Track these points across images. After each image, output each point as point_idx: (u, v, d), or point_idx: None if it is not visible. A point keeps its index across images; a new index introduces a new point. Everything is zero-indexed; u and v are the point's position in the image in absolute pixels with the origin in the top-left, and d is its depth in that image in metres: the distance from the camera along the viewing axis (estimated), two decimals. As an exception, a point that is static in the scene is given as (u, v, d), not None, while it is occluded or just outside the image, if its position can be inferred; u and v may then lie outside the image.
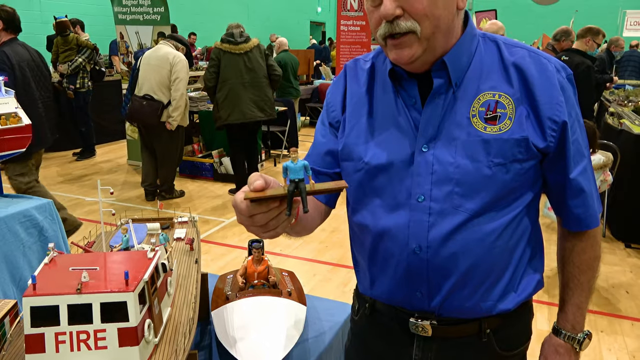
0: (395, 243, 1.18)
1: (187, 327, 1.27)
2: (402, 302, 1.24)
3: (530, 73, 1.11)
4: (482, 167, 1.10)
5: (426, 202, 1.14)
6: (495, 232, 1.13)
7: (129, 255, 1.30)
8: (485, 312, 1.19)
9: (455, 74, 1.13)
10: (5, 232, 2.32)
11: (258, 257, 1.80)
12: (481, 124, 1.11)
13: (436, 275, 1.16)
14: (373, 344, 1.37)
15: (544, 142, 1.11)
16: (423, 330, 1.22)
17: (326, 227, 5.19)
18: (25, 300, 1.07)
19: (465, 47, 1.14)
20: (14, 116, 2.25)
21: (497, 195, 1.11)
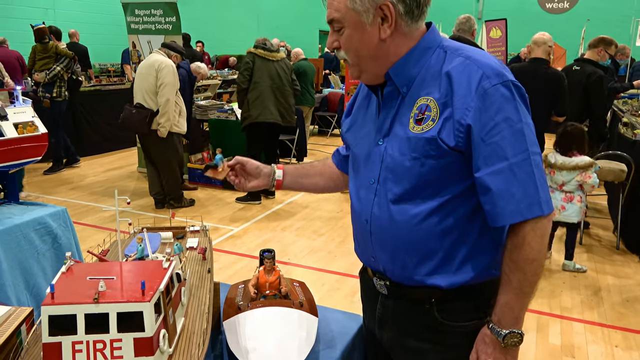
0: (356, 215, 1.49)
1: (200, 338, 1.28)
2: (367, 263, 1.54)
3: (455, 80, 1.26)
4: (405, 160, 1.32)
5: (374, 185, 1.40)
6: (418, 216, 1.33)
7: (145, 265, 1.31)
8: (418, 283, 1.39)
9: (400, 82, 1.34)
10: (20, 239, 2.36)
11: (270, 267, 1.80)
12: (412, 124, 1.31)
13: (377, 245, 1.43)
14: (362, 296, 1.69)
15: (453, 141, 1.26)
16: (381, 288, 1.49)
17: (335, 236, 5.19)
18: (44, 309, 1.09)
19: (412, 60, 1.34)
20: (31, 125, 2.29)
21: (417, 184, 1.31)
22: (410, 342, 1.49)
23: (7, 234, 2.29)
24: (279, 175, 1.70)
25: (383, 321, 1.54)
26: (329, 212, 5.97)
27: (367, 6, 1.27)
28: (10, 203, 2.55)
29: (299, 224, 5.58)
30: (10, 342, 1.35)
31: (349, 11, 1.28)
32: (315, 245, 4.98)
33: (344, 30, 1.31)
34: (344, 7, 1.29)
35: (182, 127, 5.65)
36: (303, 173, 1.76)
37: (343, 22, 1.30)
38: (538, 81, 4.48)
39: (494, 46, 10.20)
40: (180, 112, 5.60)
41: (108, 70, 11.05)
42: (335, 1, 1.30)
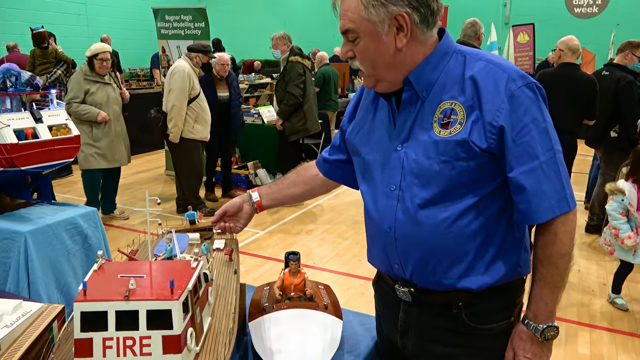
0: (375, 223, 1.46)
1: (227, 337, 1.29)
2: (388, 271, 1.51)
3: (481, 83, 1.28)
4: (433, 164, 1.31)
5: (396, 191, 1.38)
6: (448, 219, 1.33)
7: (173, 264, 1.33)
8: (448, 287, 1.38)
9: (420, 87, 1.35)
10: (52, 239, 2.42)
11: (295, 269, 1.81)
12: (437, 128, 1.32)
13: (403, 252, 1.40)
14: (379, 306, 1.69)
15: (485, 143, 1.27)
16: (405, 295, 1.47)
17: (360, 240, 5.18)
18: (77, 305, 1.11)
19: (431, 64, 1.35)
20: (64, 127, 2.35)
21: (446, 187, 1.31)
22: (436, 349, 1.47)
23: (39, 233, 2.36)
24: (256, 197, 1.75)
25: (406, 329, 1.52)
26: (354, 215, 5.96)
27: (383, 16, 1.27)
28: (43, 203, 2.62)
29: (324, 227, 5.58)
30: (42, 338, 1.39)
31: (364, 21, 1.28)
32: (340, 249, 4.98)
33: (359, 41, 1.32)
34: (358, 17, 1.29)
35: (198, 133, 5.47)
36: (276, 189, 1.77)
37: (358, 33, 1.30)
38: (572, 86, 4.42)
39: (522, 51, 10.06)
40: (197, 118, 5.43)
41: (138, 74, 11.27)
42: (349, 11, 1.30)
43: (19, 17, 9.60)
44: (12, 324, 1.33)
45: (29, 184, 2.51)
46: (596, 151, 5.49)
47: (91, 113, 4.97)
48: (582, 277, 4.40)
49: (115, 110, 5.20)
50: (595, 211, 5.36)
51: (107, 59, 5.00)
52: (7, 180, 2.41)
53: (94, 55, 4.95)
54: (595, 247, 5.04)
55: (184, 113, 5.33)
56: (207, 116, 5.58)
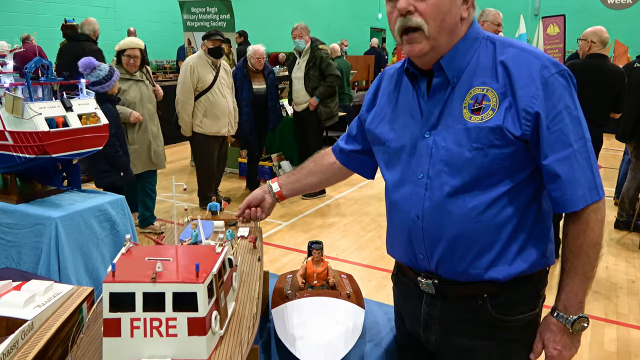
0: (401, 212, 1.43)
1: (250, 322, 1.31)
2: (411, 262, 1.48)
3: (514, 70, 1.26)
4: (464, 151, 1.29)
5: (424, 179, 1.36)
6: (478, 208, 1.31)
7: (199, 249, 1.35)
8: (475, 278, 1.36)
9: (451, 73, 1.33)
10: (82, 225, 2.48)
11: (318, 258, 1.82)
12: (468, 114, 1.30)
13: (430, 241, 1.38)
14: (398, 299, 1.67)
15: (519, 130, 1.25)
16: (429, 287, 1.45)
17: (383, 233, 5.16)
18: (106, 286, 1.14)
19: (462, 49, 1.33)
20: (94, 116, 2.40)
21: (478, 175, 1.29)
22: (461, 341, 1.45)
23: (69, 219, 2.42)
24: (276, 187, 1.78)
25: (429, 322, 1.50)
26: (377, 208, 5.95)
27: None
28: (73, 190, 2.69)
29: (347, 219, 5.58)
30: (72, 319, 1.43)
31: None
32: (363, 242, 4.98)
33: None
34: None
35: (207, 128, 5.33)
36: (295, 179, 1.79)
37: None
38: (601, 77, 4.32)
39: (551, 43, 9.83)
40: (206, 113, 5.31)
41: (164, 67, 11.42)
42: None
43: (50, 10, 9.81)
44: (43, 304, 1.37)
45: (59, 171, 2.57)
46: (627, 146, 5.35)
47: (123, 114, 4.43)
48: (610, 274, 4.31)
49: (150, 110, 4.76)
50: (624, 207, 5.24)
51: (136, 56, 4.57)
52: (39, 168, 2.48)
53: (121, 50, 4.57)
54: (624, 244, 4.93)
55: (188, 107, 5.31)
56: (220, 111, 5.37)
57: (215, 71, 5.41)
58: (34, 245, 2.41)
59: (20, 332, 1.21)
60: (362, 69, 11.69)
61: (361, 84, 11.70)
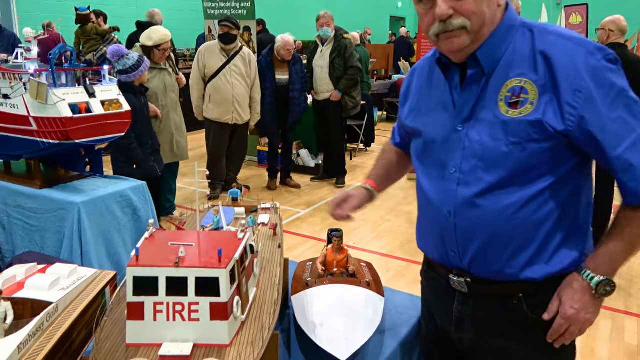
0: (433, 207, 1.38)
1: (271, 308, 1.31)
2: (442, 259, 1.43)
3: (555, 60, 1.19)
4: (500, 145, 1.23)
5: (456, 174, 1.31)
6: (514, 205, 1.25)
7: (221, 234, 1.36)
8: (510, 277, 1.31)
9: (487, 64, 1.26)
10: (104, 211, 2.51)
11: (338, 246, 1.82)
12: (505, 108, 1.24)
13: (463, 238, 1.33)
14: (428, 296, 1.61)
15: (562, 125, 1.18)
16: (461, 286, 1.40)
17: (401, 223, 5.15)
18: (129, 269, 1.15)
19: (499, 39, 1.26)
20: (116, 102, 2.42)
21: (515, 171, 1.23)
22: (495, 341, 1.40)
23: (92, 204, 2.45)
24: (376, 193, 1.73)
25: (462, 321, 1.44)
26: (395, 198, 5.92)
27: None
28: (95, 176, 2.72)
29: (365, 208, 5.56)
30: (96, 302, 1.45)
31: None
32: (381, 231, 4.96)
33: None
34: None
35: (211, 113, 5.38)
36: (387, 178, 1.76)
37: None
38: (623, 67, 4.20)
39: (575, 32, 9.60)
40: (210, 98, 5.35)
41: (184, 54, 11.45)
42: None
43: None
44: (68, 287, 1.39)
45: (82, 157, 2.60)
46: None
47: None
48: (631, 267, 4.24)
49: (173, 99, 4.61)
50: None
51: (169, 48, 4.47)
52: (62, 153, 2.51)
53: (156, 45, 4.36)
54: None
55: (195, 91, 5.44)
56: (222, 98, 5.35)
57: (227, 58, 5.36)
58: (57, 230, 2.45)
59: (45, 314, 1.23)
60: (382, 57, 11.59)
61: (380, 72, 11.61)
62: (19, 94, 2.36)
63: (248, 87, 5.49)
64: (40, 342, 1.16)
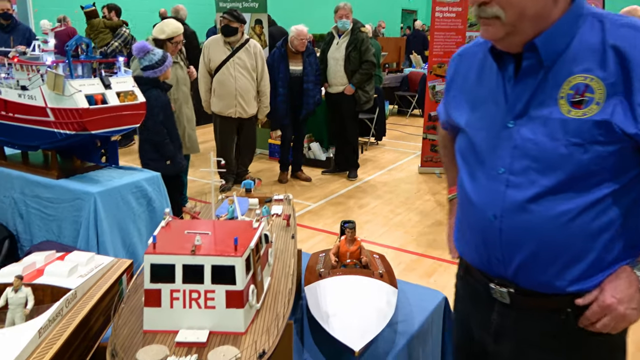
0: (476, 209, 1.28)
1: (286, 297, 1.33)
2: (483, 265, 1.32)
3: (630, 56, 1.07)
4: (558, 146, 1.12)
5: (505, 175, 1.20)
6: (570, 213, 1.14)
7: (236, 224, 1.37)
8: (560, 290, 1.20)
9: (547, 55, 1.15)
10: (119, 201, 2.54)
11: (351, 237, 1.82)
12: (566, 107, 1.13)
13: (508, 245, 1.22)
14: (464, 302, 1.50)
15: (634, 127, 1.07)
16: (502, 296, 1.29)
17: (412, 216, 5.14)
18: (147, 257, 1.17)
19: (563, 28, 1.14)
20: (131, 94, 2.44)
21: (573, 175, 1.12)
22: (539, 356, 1.29)
23: (108, 194, 2.48)
24: None
25: (501, 333, 1.33)
26: (406, 191, 5.91)
27: None
28: (111, 167, 2.74)
29: (376, 202, 5.57)
30: (113, 289, 1.47)
31: None
32: (392, 225, 4.96)
33: None
34: None
35: (215, 106, 5.45)
36: None
37: None
38: None
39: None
40: (214, 92, 5.41)
41: (199, 49, 11.49)
42: None
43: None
44: (86, 274, 1.41)
45: (98, 148, 2.63)
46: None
47: None
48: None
49: (185, 92, 4.61)
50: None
51: (182, 41, 4.50)
52: (79, 144, 2.53)
53: (168, 38, 4.39)
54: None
55: (203, 85, 5.48)
56: (224, 91, 5.36)
57: (232, 51, 5.34)
58: (74, 220, 2.48)
59: (64, 300, 1.25)
60: (393, 50, 11.51)
61: (392, 66, 11.54)
62: (37, 86, 2.39)
63: (253, 80, 5.44)
64: (60, 327, 1.18)
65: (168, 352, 1.10)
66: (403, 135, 8.99)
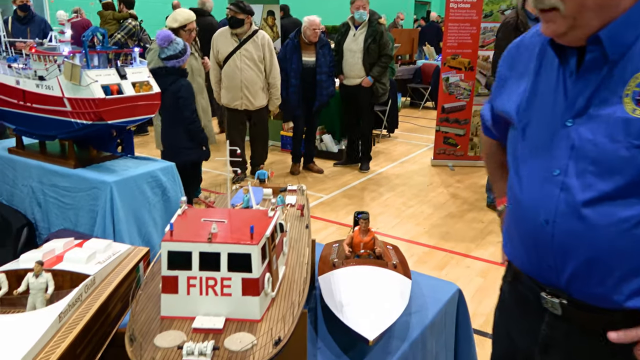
0: (527, 212, 1.21)
1: (301, 286, 1.34)
2: (533, 272, 1.25)
3: None
4: (619, 148, 1.05)
5: (560, 177, 1.13)
6: (632, 220, 1.06)
7: (252, 212, 1.38)
8: (617, 305, 1.11)
9: (612, 49, 1.06)
10: (135, 190, 2.57)
11: (365, 227, 1.83)
12: (631, 105, 1.05)
13: (562, 252, 1.15)
14: (511, 309, 1.41)
15: None
16: (553, 307, 1.21)
17: (424, 209, 5.13)
18: (164, 244, 1.18)
19: (633, 19, 1.05)
20: (147, 84, 2.46)
21: (634, 180, 1.05)
22: None
23: (124, 184, 2.51)
24: None
25: (550, 345, 1.26)
26: (419, 184, 5.90)
27: None
28: (126, 156, 2.78)
29: (388, 194, 5.56)
30: (130, 276, 1.49)
31: None
32: (404, 217, 4.96)
33: None
34: None
35: (223, 98, 5.52)
36: None
37: None
38: None
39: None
40: (222, 84, 5.47)
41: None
42: None
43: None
44: (104, 261, 1.43)
45: (114, 137, 2.66)
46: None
47: None
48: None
49: (199, 83, 4.62)
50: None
51: (195, 28, 4.53)
52: (95, 134, 2.56)
53: (181, 26, 4.43)
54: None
55: (213, 77, 5.49)
56: (230, 83, 5.38)
57: (239, 42, 5.32)
58: (90, 209, 2.52)
59: (83, 285, 1.27)
60: (406, 42, 11.43)
61: (405, 57, 11.47)
62: (54, 76, 2.42)
63: (260, 72, 5.39)
64: (79, 312, 1.20)
65: (185, 337, 1.11)
66: (415, 127, 8.95)
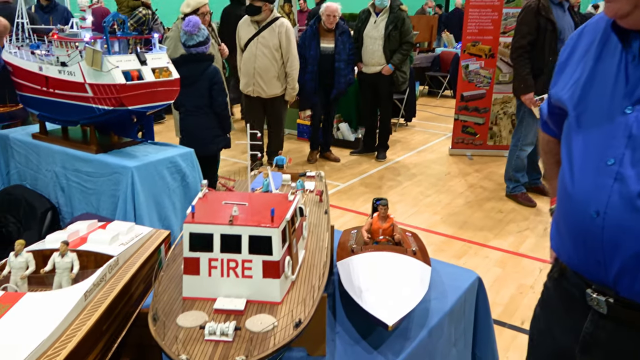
0: (576, 203, 1.16)
1: (321, 270, 1.34)
2: (580, 267, 1.20)
3: None
4: None
5: (615, 167, 1.08)
6: None
7: (272, 196, 1.39)
8: None
9: None
10: (155, 176, 2.60)
11: (384, 214, 1.82)
12: None
13: (612, 246, 1.09)
14: (555, 305, 1.37)
15: None
16: (598, 305, 1.16)
17: (442, 198, 5.09)
18: (186, 226, 1.20)
19: None
20: (166, 70, 2.47)
21: None
22: None
23: (144, 169, 2.54)
24: None
25: (591, 345, 1.21)
26: (436, 173, 5.85)
27: None
28: (146, 142, 2.81)
29: (406, 183, 5.54)
30: (152, 258, 1.52)
31: None
32: (422, 206, 4.93)
33: None
34: None
35: (241, 84, 5.50)
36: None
37: None
38: None
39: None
40: (241, 70, 5.48)
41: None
42: None
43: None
44: (127, 242, 1.45)
45: (134, 123, 2.68)
46: None
47: None
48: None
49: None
50: None
51: (209, 12, 4.56)
52: (116, 120, 2.59)
53: (194, 10, 4.46)
54: None
55: (237, 63, 5.51)
56: (244, 69, 5.39)
57: (257, 29, 5.29)
58: (112, 193, 2.55)
59: (107, 266, 1.29)
60: (425, 29, 11.28)
61: (423, 45, 11.33)
62: (75, 62, 2.45)
63: (276, 60, 5.30)
64: (104, 292, 1.23)
65: (207, 318, 1.13)
66: (433, 116, 8.87)
